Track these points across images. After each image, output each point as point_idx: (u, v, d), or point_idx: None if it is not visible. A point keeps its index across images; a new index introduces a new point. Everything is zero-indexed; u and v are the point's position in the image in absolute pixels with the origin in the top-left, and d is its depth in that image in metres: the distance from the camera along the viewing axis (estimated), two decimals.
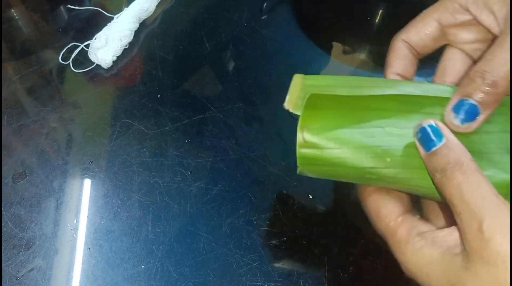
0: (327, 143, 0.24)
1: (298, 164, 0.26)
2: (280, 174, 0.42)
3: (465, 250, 0.21)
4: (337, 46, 0.52)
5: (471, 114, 0.24)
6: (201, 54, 0.50)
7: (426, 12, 0.29)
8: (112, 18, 0.50)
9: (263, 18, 0.53)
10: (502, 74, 0.23)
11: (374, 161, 0.24)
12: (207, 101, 0.46)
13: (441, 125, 0.24)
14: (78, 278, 0.36)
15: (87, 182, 0.41)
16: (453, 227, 0.23)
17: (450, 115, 0.24)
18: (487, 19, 0.26)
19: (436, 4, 0.29)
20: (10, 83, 0.47)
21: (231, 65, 0.49)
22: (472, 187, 0.21)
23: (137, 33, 0.50)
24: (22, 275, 0.36)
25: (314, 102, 0.26)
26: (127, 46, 0.49)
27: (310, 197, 0.40)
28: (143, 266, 0.37)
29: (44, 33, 0.51)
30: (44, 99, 0.46)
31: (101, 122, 0.44)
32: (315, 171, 0.26)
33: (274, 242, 0.38)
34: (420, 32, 0.29)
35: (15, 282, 0.36)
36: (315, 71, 0.48)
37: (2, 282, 0.36)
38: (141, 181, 0.41)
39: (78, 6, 0.52)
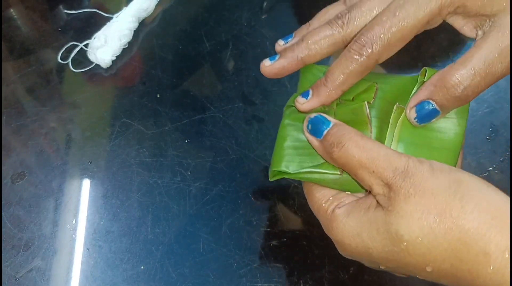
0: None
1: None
2: None
3: (385, 197, 0.22)
4: None
5: (430, 114, 0.25)
6: (201, 53, 0.49)
7: None
8: (111, 18, 0.50)
9: (263, 17, 0.53)
10: (468, 83, 0.24)
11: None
12: (207, 101, 0.46)
13: (325, 115, 0.26)
14: (77, 279, 0.36)
15: (86, 182, 0.41)
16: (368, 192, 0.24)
17: (411, 112, 0.26)
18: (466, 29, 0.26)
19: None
20: (9, 82, 0.46)
21: (231, 65, 0.49)
22: (374, 145, 0.23)
23: (136, 32, 0.50)
24: (21, 276, 0.36)
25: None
26: (127, 46, 0.49)
27: None
28: (142, 267, 0.37)
29: (43, 32, 0.50)
30: (43, 99, 0.45)
31: (100, 122, 0.44)
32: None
33: (274, 242, 0.38)
34: None
35: (14, 282, 0.35)
36: None
37: (1, 282, 0.35)
38: (140, 181, 0.41)
39: (77, 5, 0.52)
